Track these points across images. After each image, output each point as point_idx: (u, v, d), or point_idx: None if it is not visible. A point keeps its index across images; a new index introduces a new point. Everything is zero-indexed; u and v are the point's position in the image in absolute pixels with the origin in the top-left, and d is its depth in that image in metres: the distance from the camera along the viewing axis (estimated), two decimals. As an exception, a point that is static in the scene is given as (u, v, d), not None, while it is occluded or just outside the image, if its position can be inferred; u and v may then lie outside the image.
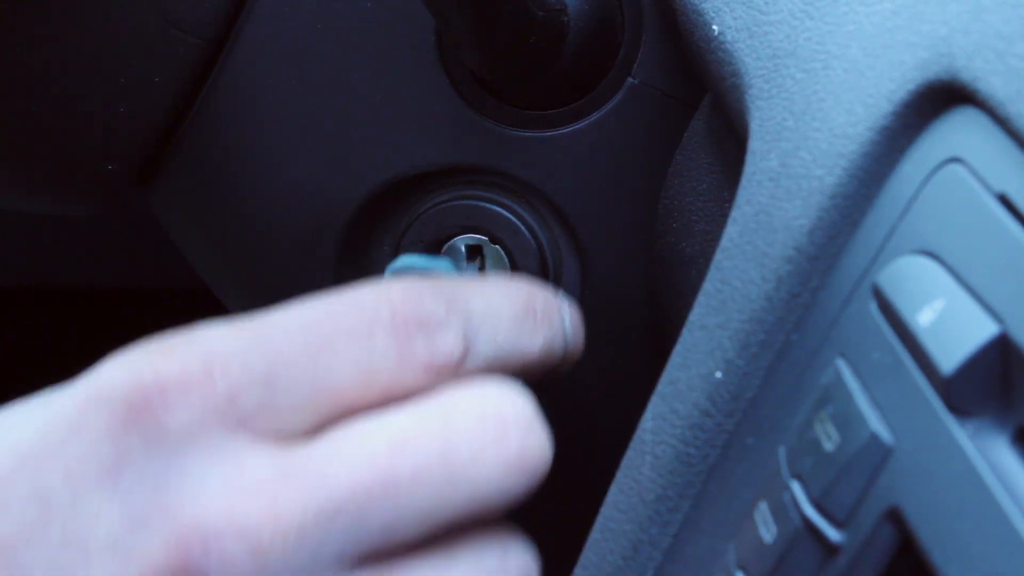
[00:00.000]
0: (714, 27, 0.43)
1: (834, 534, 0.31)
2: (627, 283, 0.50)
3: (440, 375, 0.38)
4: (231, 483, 0.36)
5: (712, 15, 0.43)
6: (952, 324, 0.29)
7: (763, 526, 0.33)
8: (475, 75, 0.51)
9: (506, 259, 0.55)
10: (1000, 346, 0.28)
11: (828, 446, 0.31)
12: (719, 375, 0.36)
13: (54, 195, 0.57)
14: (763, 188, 0.37)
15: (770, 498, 0.33)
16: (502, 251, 0.55)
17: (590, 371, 0.55)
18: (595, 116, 0.52)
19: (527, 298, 0.44)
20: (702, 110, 0.49)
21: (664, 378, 0.38)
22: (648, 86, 0.51)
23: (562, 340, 0.45)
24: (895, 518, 0.29)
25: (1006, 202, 0.29)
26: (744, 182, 0.38)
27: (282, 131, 0.53)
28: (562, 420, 0.56)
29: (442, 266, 0.45)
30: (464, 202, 0.53)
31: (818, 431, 0.32)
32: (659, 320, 0.51)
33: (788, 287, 0.35)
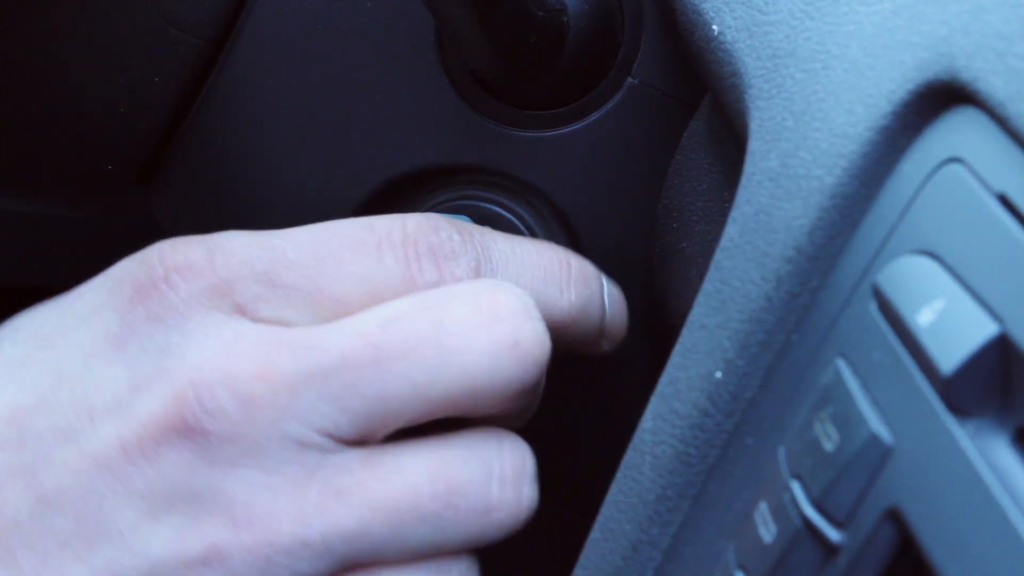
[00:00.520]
0: (714, 27, 0.43)
1: (834, 534, 0.31)
2: (627, 283, 0.50)
3: None
4: (228, 348, 0.37)
5: (712, 15, 0.43)
6: (952, 324, 0.29)
7: (763, 526, 0.33)
8: (475, 75, 0.51)
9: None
10: (1000, 346, 0.28)
11: (828, 446, 0.31)
12: (719, 375, 0.36)
13: (54, 195, 0.57)
14: (763, 188, 0.37)
15: (770, 498, 0.33)
16: None
17: (590, 371, 0.55)
18: (595, 116, 0.52)
19: (562, 255, 0.45)
20: (702, 110, 0.49)
21: (664, 378, 0.38)
22: (648, 86, 0.51)
23: (599, 308, 0.45)
24: (895, 518, 0.29)
25: (1006, 202, 0.29)
26: (744, 182, 0.38)
27: (282, 131, 0.53)
28: (562, 420, 0.56)
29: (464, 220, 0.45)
30: (464, 202, 0.53)
31: (818, 431, 0.32)
32: (659, 320, 0.51)
33: (788, 287, 0.35)
